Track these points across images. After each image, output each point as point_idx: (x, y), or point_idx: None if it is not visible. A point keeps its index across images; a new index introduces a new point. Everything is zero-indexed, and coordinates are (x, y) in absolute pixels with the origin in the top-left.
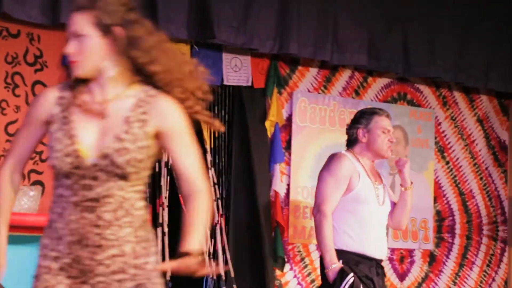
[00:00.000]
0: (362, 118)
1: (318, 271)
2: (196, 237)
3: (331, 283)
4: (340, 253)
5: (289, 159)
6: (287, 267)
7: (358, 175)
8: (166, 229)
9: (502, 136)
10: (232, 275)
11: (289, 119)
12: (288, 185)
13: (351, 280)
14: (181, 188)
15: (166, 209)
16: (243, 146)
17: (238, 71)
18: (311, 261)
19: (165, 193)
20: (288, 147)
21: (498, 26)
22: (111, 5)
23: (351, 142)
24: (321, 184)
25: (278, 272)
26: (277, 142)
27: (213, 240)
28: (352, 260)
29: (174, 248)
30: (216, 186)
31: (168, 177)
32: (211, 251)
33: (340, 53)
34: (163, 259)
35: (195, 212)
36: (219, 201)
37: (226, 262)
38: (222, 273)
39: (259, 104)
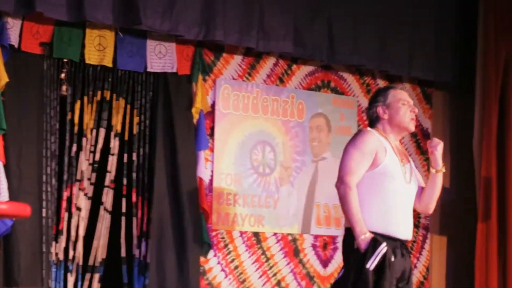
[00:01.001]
0: (378, 96)
1: (242, 257)
2: None
3: (363, 253)
4: None
5: (212, 146)
6: (210, 253)
7: (384, 150)
8: (83, 214)
9: (425, 124)
10: (154, 262)
11: (213, 106)
12: (212, 171)
13: (384, 250)
14: None
15: (87, 194)
16: (167, 132)
17: (162, 57)
18: (235, 247)
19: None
20: (212, 134)
21: (421, 15)
22: None
23: (373, 122)
24: (345, 157)
25: (202, 258)
26: (202, 129)
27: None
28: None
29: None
30: (139, 173)
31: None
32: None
33: (266, 40)
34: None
35: None
36: (141, 188)
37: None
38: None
39: (185, 90)
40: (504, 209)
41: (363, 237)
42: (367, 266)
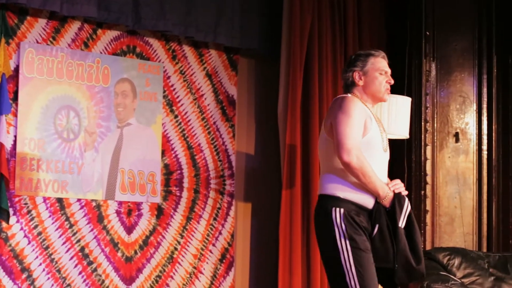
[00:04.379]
0: (357, 60)
1: (45, 223)
2: None
3: (389, 207)
4: (341, 202)
5: (16, 110)
6: (13, 219)
7: (370, 119)
8: None
9: (230, 91)
10: None
11: (17, 70)
12: (15, 136)
13: (409, 208)
14: None
15: None
16: None
17: None
18: (38, 213)
19: None
20: (15, 98)
21: None
22: None
23: (348, 87)
24: (341, 126)
25: (4, 224)
26: (4, 93)
27: None
28: (353, 210)
29: None
30: None
31: None
32: None
33: (70, 4)
34: None
35: None
36: None
37: None
38: None
39: None
40: (308, 177)
41: (386, 198)
42: (399, 225)
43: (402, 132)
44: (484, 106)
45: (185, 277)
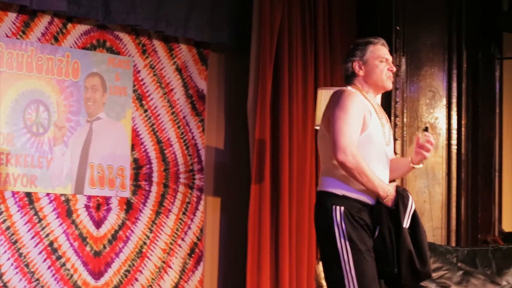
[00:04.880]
0: (356, 50)
1: (14, 218)
2: None
3: (392, 207)
4: (341, 199)
5: None
6: None
7: (370, 114)
8: None
9: (200, 86)
10: None
11: None
12: None
13: (413, 207)
14: None
15: None
16: None
17: None
18: (7, 208)
19: None
20: None
21: None
22: None
23: (349, 78)
24: (338, 123)
25: None
26: None
27: None
28: (354, 208)
29: None
30: None
31: None
32: None
33: None
34: None
35: None
36: None
37: None
38: None
39: None
40: (277, 172)
41: (388, 198)
42: (404, 225)
43: None
44: (454, 101)
45: (154, 271)
